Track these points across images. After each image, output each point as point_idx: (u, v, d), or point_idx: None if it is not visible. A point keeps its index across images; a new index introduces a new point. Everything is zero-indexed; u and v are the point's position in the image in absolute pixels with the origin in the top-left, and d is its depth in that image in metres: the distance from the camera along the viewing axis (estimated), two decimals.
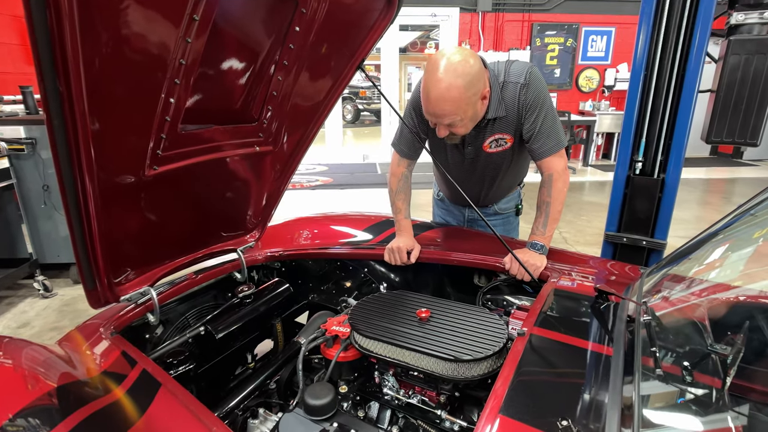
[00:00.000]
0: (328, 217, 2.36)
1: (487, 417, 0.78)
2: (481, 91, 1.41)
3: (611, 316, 1.08)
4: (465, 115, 1.41)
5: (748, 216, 1.28)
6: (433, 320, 1.18)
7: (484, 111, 1.51)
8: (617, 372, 0.82)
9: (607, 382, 0.82)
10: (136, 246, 1.41)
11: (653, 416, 0.70)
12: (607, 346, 0.95)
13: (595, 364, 0.91)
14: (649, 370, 0.78)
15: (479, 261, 1.60)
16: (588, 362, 0.92)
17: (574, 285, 1.31)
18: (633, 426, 0.67)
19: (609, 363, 0.88)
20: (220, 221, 1.74)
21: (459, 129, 1.47)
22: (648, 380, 0.76)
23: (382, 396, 1.16)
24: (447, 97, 1.33)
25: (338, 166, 8.46)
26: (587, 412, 0.77)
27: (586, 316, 1.13)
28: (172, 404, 0.93)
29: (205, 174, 1.49)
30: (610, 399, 0.77)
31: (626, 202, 2.34)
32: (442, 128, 1.47)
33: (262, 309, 1.60)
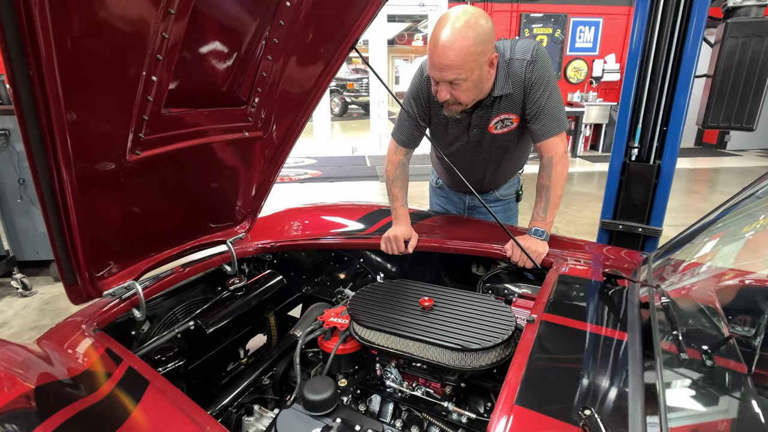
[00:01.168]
0: (319, 208, 2.29)
1: (501, 408, 0.73)
2: (489, 54, 1.35)
3: (621, 300, 1.04)
4: (470, 75, 1.34)
5: (754, 199, 1.25)
6: (437, 309, 1.13)
7: (489, 83, 1.45)
8: (635, 357, 0.78)
9: (624, 368, 0.78)
10: (118, 238, 1.33)
11: (678, 402, 0.66)
12: (620, 331, 0.91)
13: (609, 349, 0.87)
14: (671, 354, 0.74)
15: (479, 249, 1.56)
16: (602, 348, 0.88)
17: (580, 270, 1.27)
18: (659, 413, 0.63)
19: (625, 348, 0.84)
20: (209, 212, 1.66)
21: (461, 94, 1.40)
22: (670, 365, 0.73)
23: (384, 389, 1.11)
24: (455, 47, 1.28)
25: (327, 159, 8.36)
26: (607, 400, 0.73)
27: (595, 300, 1.09)
28: (162, 403, 0.86)
29: (192, 161, 1.41)
30: (631, 386, 0.73)
31: (622, 189, 2.32)
32: (443, 88, 1.40)
33: (255, 302, 1.53)
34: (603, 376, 0.80)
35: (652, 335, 0.80)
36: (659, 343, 0.77)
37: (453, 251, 1.61)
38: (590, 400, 0.73)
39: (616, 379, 0.78)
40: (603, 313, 1.02)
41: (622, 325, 0.94)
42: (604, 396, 0.74)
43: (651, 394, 0.69)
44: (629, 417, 0.68)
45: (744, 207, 1.30)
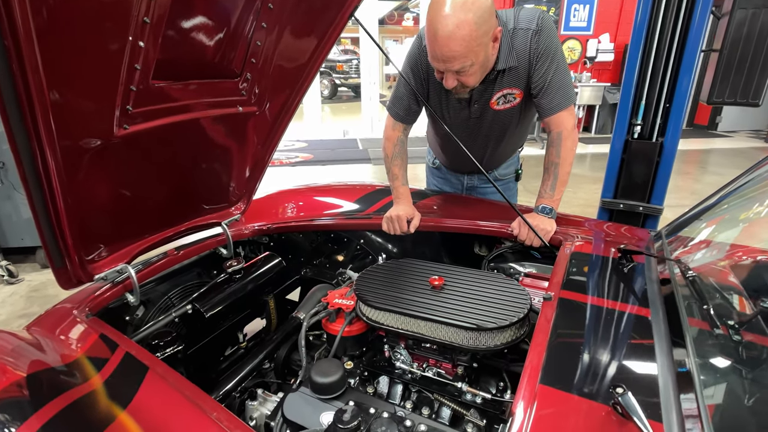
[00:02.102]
0: (314, 189, 2.22)
1: (525, 388, 0.70)
2: (492, 30, 1.27)
3: (639, 276, 1.01)
4: (476, 59, 1.27)
5: (765, 177, 1.23)
6: (448, 288, 1.09)
7: (495, 57, 1.38)
8: (660, 333, 0.76)
9: (649, 344, 0.75)
10: (108, 219, 1.27)
11: (710, 378, 0.63)
12: (641, 307, 0.88)
13: (632, 326, 0.84)
14: (698, 329, 0.71)
15: (485, 228, 1.52)
16: (624, 325, 0.85)
17: (592, 247, 1.24)
18: (695, 389, 0.60)
19: (648, 324, 0.81)
20: (202, 192, 1.59)
21: (469, 78, 1.33)
22: (698, 340, 0.70)
23: (393, 370, 1.08)
24: (457, 36, 1.20)
25: (318, 142, 8.23)
26: (634, 378, 0.70)
27: (612, 277, 1.06)
28: (163, 389, 0.82)
29: (184, 137, 1.33)
30: (659, 363, 0.70)
31: (623, 168, 2.29)
32: (450, 77, 1.33)
33: (254, 285, 1.48)
34: (627, 353, 0.77)
35: (679, 311, 0.77)
36: (686, 318, 0.74)
37: (457, 230, 1.57)
38: (616, 378, 0.70)
39: (641, 356, 0.75)
40: (621, 290, 0.99)
41: (642, 302, 0.91)
42: (630, 374, 0.72)
43: (682, 371, 0.66)
44: (660, 394, 0.65)
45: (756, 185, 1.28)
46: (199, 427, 0.73)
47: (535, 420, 0.64)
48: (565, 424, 0.65)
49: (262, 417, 1.11)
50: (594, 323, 0.86)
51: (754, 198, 1.28)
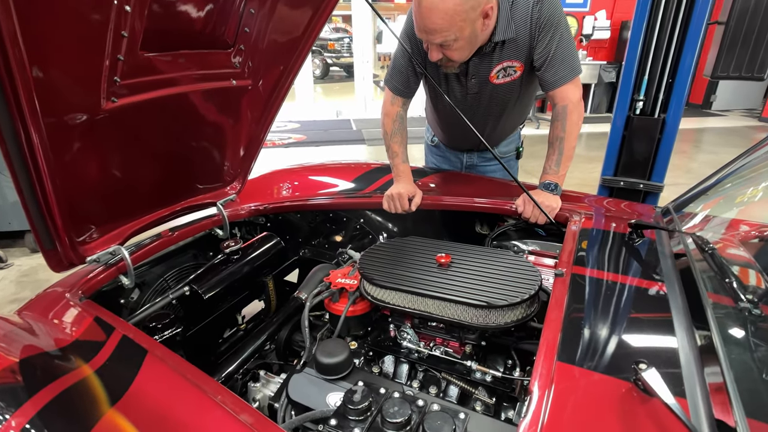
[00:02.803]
0: (310, 168, 2.16)
1: (542, 366, 0.68)
2: (481, 7, 1.22)
3: (651, 251, 0.99)
4: (461, 34, 1.23)
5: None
6: (455, 265, 1.06)
7: (486, 33, 1.32)
8: (678, 308, 0.74)
9: (667, 319, 0.73)
10: (99, 199, 1.22)
11: (734, 353, 0.62)
12: (656, 282, 0.86)
13: (648, 301, 0.82)
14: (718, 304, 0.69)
15: (488, 206, 1.49)
16: (640, 299, 0.83)
17: (601, 223, 1.22)
18: (720, 364, 0.58)
19: (665, 299, 0.79)
20: (196, 171, 1.54)
21: (453, 53, 1.29)
22: (721, 314, 0.68)
23: (399, 350, 1.05)
24: (439, 8, 1.15)
25: (311, 123, 8.09)
26: (654, 353, 0.68)
27: (623, 252, 1.04)
28: (164, 372, 0.79)
29: (175, 113, 1.27)
30: (679, 337, 0.68)
31: (624, 145, 2.27)
32: (434, 50, 1.30)
33: (252, 265, 1.44)
34: (645, 328, 0.75)
35: (697, 285, 0.75)
36: (706, 292, 0.72)
37: (459, 208, 1.54)
38: (635, 354, 0.68)
39: (660, 331, 0.73)
40: (634, 265, 0.97)
41: (656, 276, 0.89)
42: (649, 349, 0.70)
43: (704, 346, 0.64)
44: (682, 369, 0.63)
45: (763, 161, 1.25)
46: (203, 410, 0.70)
47: (555, 397, 0.62)
48: (586, 402, 0.63)
49: (266, 398, 1.09)
50: (608, 299, 0.84)
51: (763, 174, 1.26)
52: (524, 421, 0.60)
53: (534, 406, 0.62)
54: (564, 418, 0.60)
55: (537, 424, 0.59)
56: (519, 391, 0.92)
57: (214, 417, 0.68)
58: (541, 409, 0.61)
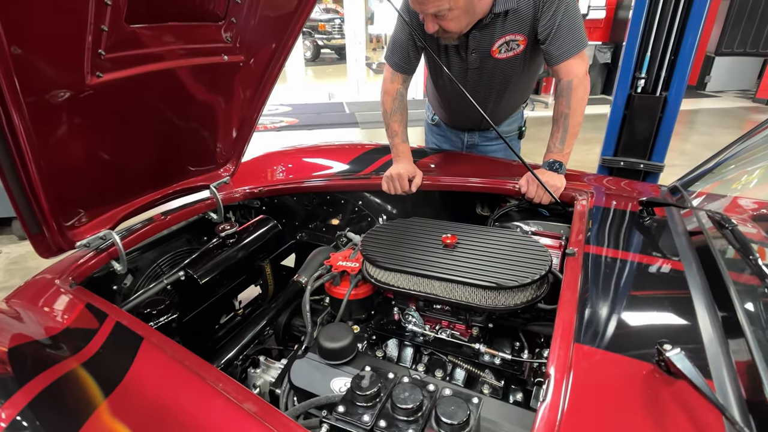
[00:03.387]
0: (304, 150, 2.10)
1: (559, 348, 0.65)
2: None
3: (664, 229, 0.97)
4: (455, 4, 1.18)
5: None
6: (461, 246, 1.03)
7: (485, 3, 1.27)
8: (697, 286, 0.71)
9: (686, 298, 0.71)
10: (87, 182, 1.16)
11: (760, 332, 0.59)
12: (671, 260, 0.84)
13: (664, 279, 0.80)
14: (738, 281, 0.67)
15: (491, 186, 1.45)
16: (656, 278, 0.81)
17: (610, 201, 1.18)
18: (747, 343, 0.56)
19: (682, 277, 0.77)
20: (187, 153, 1.48)
21: (449, 23, 1.24)
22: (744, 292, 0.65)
23: (404, 333, 1.03)
24: None
25: (303, 106, 7.94)
26: (676, 333, 0.66)
27: (635, 230, 1.01)
28: (161, 359, 0.75)
29: (165, 90, 1.21)
30: (701, 317, 0.66)
31: (625, 124, 2.23)
32: (428, 20, 1.25)
33: (249, 249, 1.40)
34: (664, 308, 0.73)
35: (717, 262, 0.72)
36: (726, 270, 0.70)
37: (461, 189, 1.50)
38: (655, 334, 0.66)
39: (679, 310, 0.71)
40: (647, 243, 0.95)
41: (672, 255, 0.87)
42: (670, 329, 0.67)
43: (727, 324, 0.62)
44: (706, 350, 0.61)
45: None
46: (204, 399, 0.66)
47: (575, 380, 0.60)
48: (607, 384, 0.60)
49: (266, 384, 1.06)
50: (623, 278, 0.82)
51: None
52: (544, 405, 0.58)
53: (553, 390, 0.59)
54: (586, 401, 0.58)
55: (557, 408, 0.57)
56: (528, 374, 0.90)
57: (215, 406, 0.65)
58: (561, 392, 0.59)
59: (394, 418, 0.64)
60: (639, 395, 0.58)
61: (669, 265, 0.82)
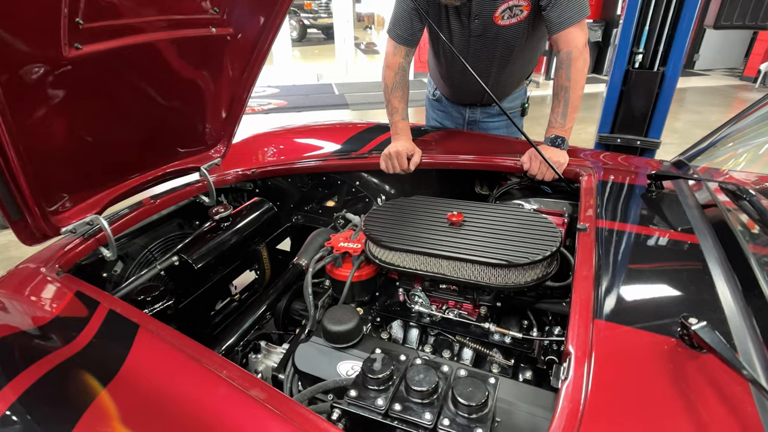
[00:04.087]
0: (295, 131, 2.03)
1: (578, 325, 0.63)
2: None
3: (675, 202, 0.95)
4: None
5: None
6: (468, 224, 1.00)
7: None
8: (715, 259, 0.69)
9: (705, 271, 0.69)
10: (71, 165, 1.10)
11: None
12: (685, 233, 0.82)
13: (680, 253, 0.78)
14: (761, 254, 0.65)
15: (492, 163, 1.41)
16: (672, 252, 0.79)
17: (616, 176, 1.16)
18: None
19: (698, 251, 0.75)
20: (176, 134, 1.41)
21: None
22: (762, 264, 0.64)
23: (409, 314, 1.00)
24: None
25: (291, 87, 7.77)
26: (696, 307, 0.64)
27: (646, 204, 0.99)
28: (160, 347, 0.71)
29: (150, 65, 1.14)
30: (721, 290, 0.64)
31: (622, 100, 2.21)
32: None
33: (244, 233, 1.35)
34: (682, 281, 0.71)
35: (735, 235, 0.70)
36: (745, 241, 0.68)
37: (461, 167, 1.46)
38: (675, 309, 0.64)
39: (698, 283, 0.69)
40: (660, 217, 0.93)
41: (685, 228, 0.85)
42: (690, 303, 0.66)
43: (749, 295, 0.60)
44: (729, 322, 0.59)
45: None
46: (209, 387, 0.63)
47: (597, 357, 0.58)
48: (630, 360, 0.59)
49: (269, 370, 1.03)
50: (639, 253, 0.80)
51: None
52: (566, 384, 0.55)
53: (574, 368, 0.57)
54: (610, 377, 0.56)
55: (581, 385, 0.55)
56: (538, 352, 0.88)
57: (220, 394, 0.61)
58: (583, 369, 0.57)
59: (409, 400, 0.62)
60: (663, 370, 0.56)
61: (683, 239, 0.81)
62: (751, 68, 7.60)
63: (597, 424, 0.50)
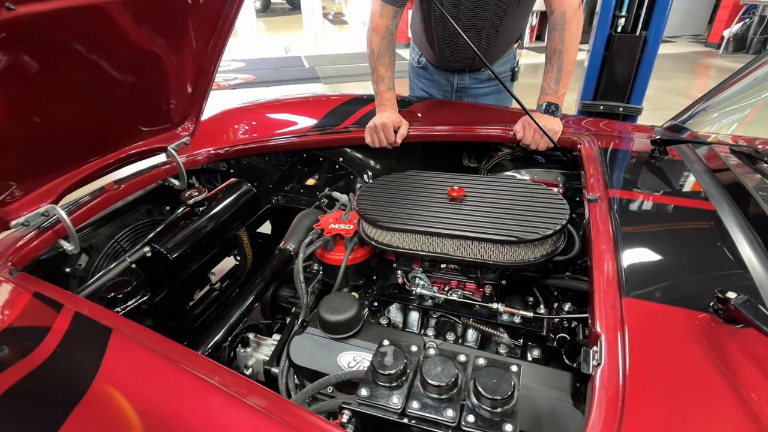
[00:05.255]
0: (268, 105, 1.89)
1: (604, 303, 0.58)
2: None
3: (681, 168, 0.91)
4: None
5: None
6: (469, 199, 0.93)
7: None
8: (737, 226, 0.66)
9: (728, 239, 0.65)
10: (17, 149, 0.98)
11: None
12: (699, 200, 0.78)
13: (699, 221, 0.74)
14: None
15: (484, 134, 1.35)
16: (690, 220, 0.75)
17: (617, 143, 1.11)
18: None
19: (716, 217, 0.72)
20: (138, 111, 1.27)
21: None
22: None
23: (409, 297, 0.94)
24: None
25: (257, 61, 7.40)
26: (725, 278, 0.60)
27: (653, 171, 0.95)
28: (138, 354, 0.62)
29: (102, 33, 1.00)
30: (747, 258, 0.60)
31: (605, 66, 2.17)
32: None
33: (222, 217, 1.25)
34: (706, 251, 0.67)
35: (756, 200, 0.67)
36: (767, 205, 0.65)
37: (452, 138, 1.39)
38: (703, 280, 0.60)
39: (722, 252, 0.65)
40: (670, 184, 0.89)
41: (697, 195, 0.81)
42: (717, 273, 0.62)
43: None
44: (759, 289, 0.56)
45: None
46: (202, 399, 0.55)
47: (632, 338, 0.53)
48: (665, 340, 0.54)
49: (260, 364, 0.96)
50: (656, 223, 0.76)
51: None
52: (600, 368, 0.51)
53: (606, 352, 0.52)
54: (647, 361, 0.52)
55: (617, 372, 0.50)
56: (547, 330, 0.84)
57: (215, 405, 0.54)
58: (617, 353, 0.52)
59: (428, 396, 0.56)
60: (702, 348, 0.52)
61: (699, 206, 0.77)
62: (714, 34, 7.75)
63: (641, 413, 0.46)
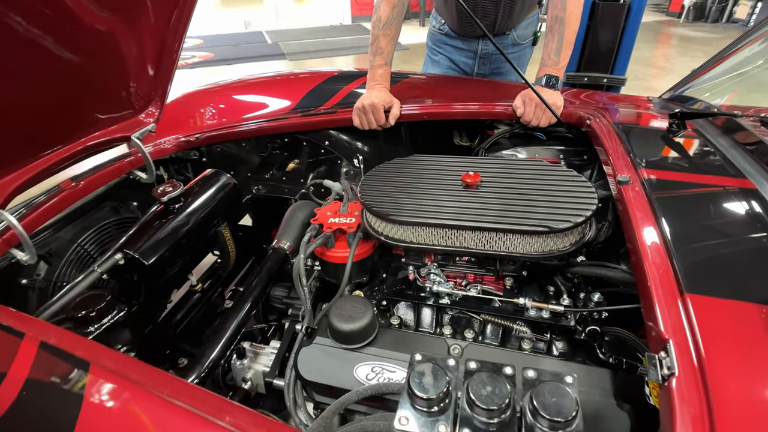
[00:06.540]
0: (240, 85, 1.72)
1: (664, 302, 0.52)
2: None
3: (704, 142, 0.86)
4: None
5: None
6: (486, 185, 0.85)
7: None
8: None
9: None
10: None
11: None
12: (735, 178, 0.74)
13: (742, 201, 0.69)
14: None
15: (482, 110, 1.26)
16: (735, 201, 0.70)
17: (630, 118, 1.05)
18: None
19: (761, 197, 0.67)
20: (92, 96, 1.11)
21: None
22: None
23: (421, 294, 0.86)
24: None
25: (216, 37, 6.96)
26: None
27: (676, 148, 0.90)
28: (127, 394, 0.51)
29: (48, 8, 0.83)
30: None
31: (589, 36, 2.12)
32: None
33: (202, 214, 1.12)
34: (762, 236, 0.62)
35: None
36: None
37: (448, 117, 1.30)
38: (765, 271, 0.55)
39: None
40: (698, 161, 0.83)
41: (733, 171, 0.76)
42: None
43: None
44: None
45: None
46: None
47: (706, 341, 0.48)
48: (743, 341, 0.49)
49: (259, 376, 0.87)
50: (697, 205, 0.70)
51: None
52: (675, 379, 0.45)
53: (678, 359, 0.47)
54: (729, 366, 0.46)
55: (697, 380, 0.44)
56: (575, 322, 0.79)
57: None
58: (692, 360, 0.46)
59: (479, 420, 0.49)
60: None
61: (737, 184, 0.72)
62: (675, 4, 7.90)
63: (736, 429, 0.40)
